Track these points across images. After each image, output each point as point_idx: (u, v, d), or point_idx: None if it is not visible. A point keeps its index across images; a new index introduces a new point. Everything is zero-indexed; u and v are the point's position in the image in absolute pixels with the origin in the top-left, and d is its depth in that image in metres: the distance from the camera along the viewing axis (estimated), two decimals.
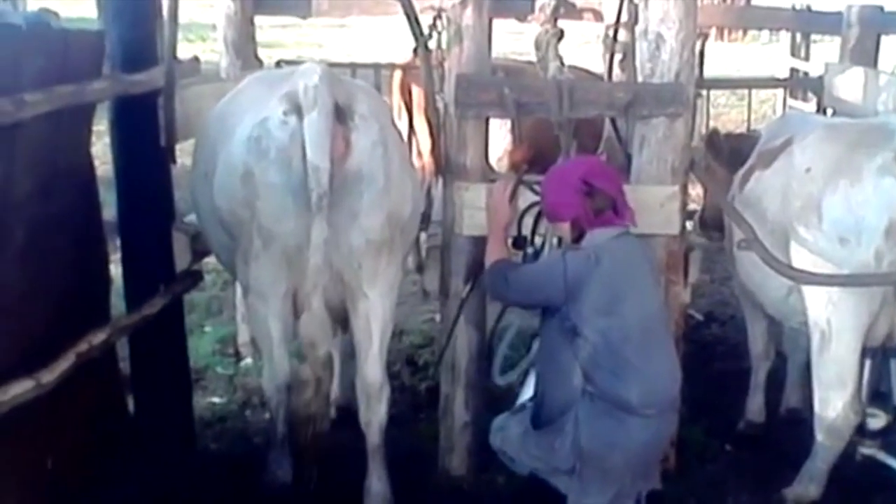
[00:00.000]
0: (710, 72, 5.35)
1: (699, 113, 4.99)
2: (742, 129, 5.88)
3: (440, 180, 4.20)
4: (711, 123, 6.82)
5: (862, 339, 3.62)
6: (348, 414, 4.06)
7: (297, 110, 3.31)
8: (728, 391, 4.84)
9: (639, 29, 3.89)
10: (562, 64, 4.50)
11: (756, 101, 10.34)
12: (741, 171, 4.19)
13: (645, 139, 3.91)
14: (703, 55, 5.37)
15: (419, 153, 5.43)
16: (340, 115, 3.35)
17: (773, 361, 4.64)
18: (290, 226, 3.37)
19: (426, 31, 3.87)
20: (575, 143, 4.27)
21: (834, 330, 3.63)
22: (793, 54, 9.08)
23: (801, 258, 3.66)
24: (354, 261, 3.48)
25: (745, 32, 20.03)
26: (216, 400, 4.94)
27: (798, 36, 8.98)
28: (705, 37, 5.41)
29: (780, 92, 7.28)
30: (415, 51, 3.94)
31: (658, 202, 3.88)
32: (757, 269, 3.87)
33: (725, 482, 4.18)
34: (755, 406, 4.61)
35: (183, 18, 4.05)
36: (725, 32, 20.47)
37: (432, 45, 3.97)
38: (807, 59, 8.92)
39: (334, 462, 3.84)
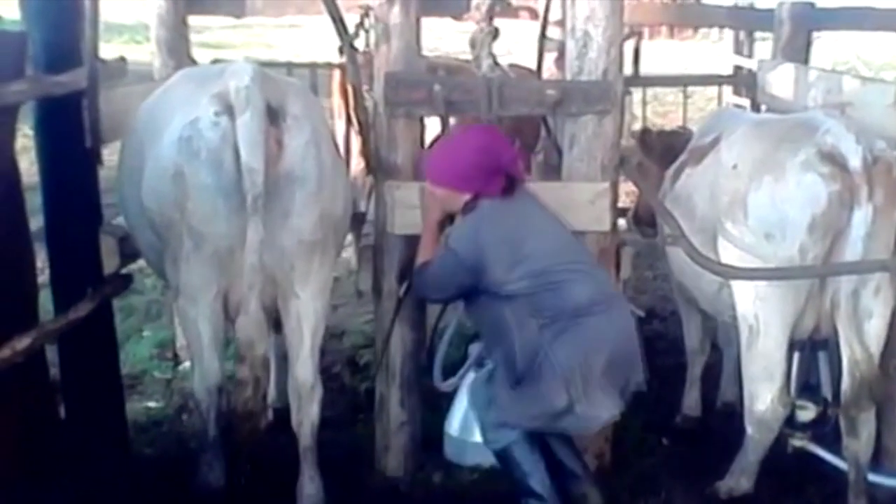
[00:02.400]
0: (660, 69, 5.40)
1: (627, 111, 5.03)
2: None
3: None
4: (660, 121, 6.89)
5: (789, 332, 3.65)
6: (284, 416, 4.03)
7: (229, 111, 3.29)
8: (666, 386, 4.84)
9: (567, 27, 3.90)
10: (495, 62, 4.49)
11: (703, 99, 10.49)
12: (672, 169, 4.22)
13: (574, 137, 3.93)
14: (637, 53, 5.43)
15: (359, 153, 5.41)
16: (273, 115, 3.34)
17: (709, 356, 4.69)
18: (222, 227, 3.36)
19: (353, 29, 3.86)
20: (518, 141, 4.31)
21: (761, 324, 3.65)
22: (737, 52, 9.17)
23: (728, 254, 3.69)
24: (286, 261, 3.47)
25: (695, 30, 20.21)
26: (152, 404, 4.89)
27: (741, 34, 9.08)
28: (639, 35, 5.46)
29: (726, 89, 7.37)
30: (340, 50, 3.93)
31: (588, 199, 3.90)
32: (688, 265, 3.88)
33: (660, 475, 4.19)
34: (691, 400, 4.65)
35: (130, 19, 4.01)
36: (676, 31, 20.70)
37: (361, 43, 3.96)
38: (750, 56, 9.01)
39: (269, 464, 3.83)
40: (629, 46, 5.48)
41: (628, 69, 5.44)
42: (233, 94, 3.26)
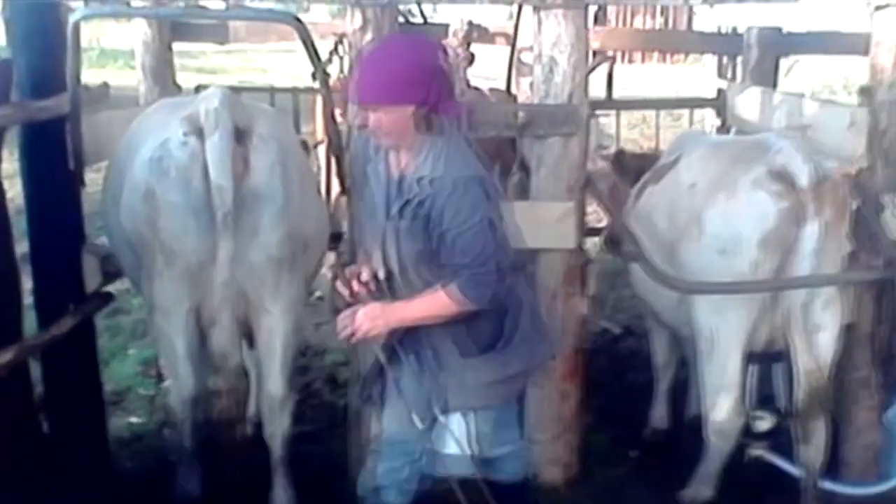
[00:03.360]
0: (651, 92, 5.54)
1: (604, 134, 5.19)
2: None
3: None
4: (649, 144, 7.01)
5: (744, 344, 3.78)
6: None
7: (198, 132, 3.45)
8: (638, 402, 4.97)
9: (534, 53, 4.06)
10: (467, 86, 4.66)
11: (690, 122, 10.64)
12: (636, 188, 4.37)
13: (541, 158, 4.07)
14: (611, 77, 5.59)
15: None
16: (240, 136, 3.49)
17: (677, 370, 4.81)
18: (192, 243, 3.49)
19: (328, 55, 4.01)
20: (498, 162, 4.44)
21: (717, 337, 3.79)
22: (720, 75, 9.35)
23: (686, 269, 3.83)
24: (256, 277, 3.60)
25: (686, 55, 20.46)
26: (134, 420, 5.01)
27: (725, 58, 9.26)
28: (612, 59, 5.62)
29: (708, 112, 7.53)
30: (313, 75, 4.08)
31: (554, 218, 4.04)
32: (649, 282, 4.03)
33: (626, 486, 4.33)
34: (659, 414, 4.77)
35: (126, 45, 4.17)
36: (668, 56, 20.94)
37: (336, 69, 4.11)
38: (734, 79, 9.18)
39: (247, 475, 3.95)
40: (603, 70, 5.67)
41: (603, 93, 5.63)
42: (202, 116, 3.42)
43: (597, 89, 4.68)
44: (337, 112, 4.08)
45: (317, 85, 5.48)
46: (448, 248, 3.04)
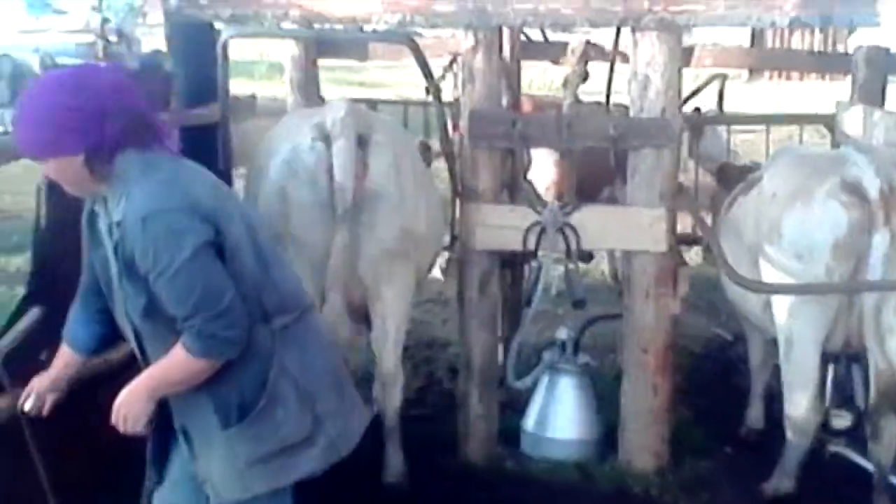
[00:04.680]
0: (764, 109, 5.73)
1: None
2: None
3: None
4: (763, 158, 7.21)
5: (820, 345, 4.02)
6: None
7: (325, 138, 3.95)
8: (739, 404, 5.19)
9: (630, 71, 4.41)
10: (577, 100, 5.04)
11: (818, 136, 10.63)
12: (729, 198, 4.64)
13: (636, 167, 4.42)
14: (721, 94, 5.87)
15: None
16: (361, 142, 3.98)
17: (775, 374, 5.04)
18: (317, 236, 3.98)
19: (442, 71, 4.48)
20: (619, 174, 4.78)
21: (796, 337, 4.05)
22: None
23: (767, 273, 4.10)
24: (371, 267, 4.07)
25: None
26: None
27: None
28: (724, 77, 5.89)
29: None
30: (426, 90, 4.56)
31: (647, 223, 4.38)
32: (738, 288, 4.31)
33: (714, 477, 4.57)
34: (754, 414, 4.99)
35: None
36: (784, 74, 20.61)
37: (449, 84, 4.58)
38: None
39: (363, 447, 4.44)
40: (715, 87, 5.95)
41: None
42: (329, 124, 3.93)
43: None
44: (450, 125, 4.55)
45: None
46: (163, 299, 2.60)
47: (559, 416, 4.75)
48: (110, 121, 2.54)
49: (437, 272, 4.83)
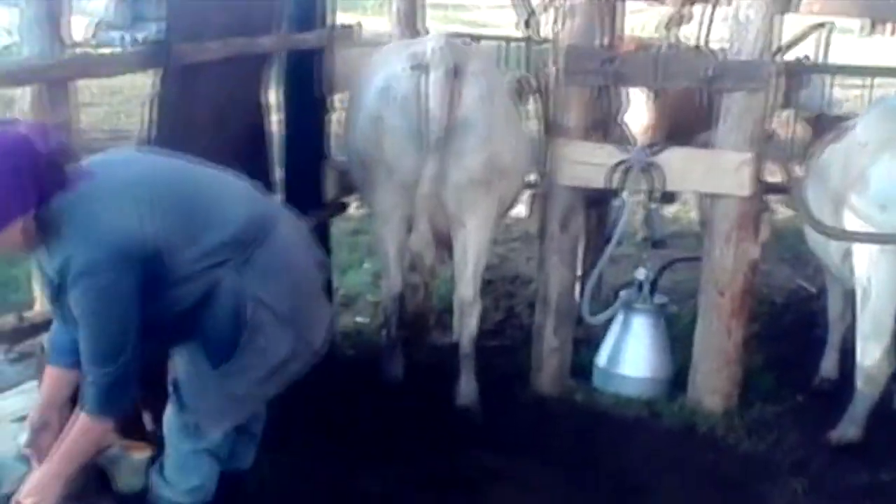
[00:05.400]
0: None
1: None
2: None
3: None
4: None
5: None
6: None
7: (422, 67, 4.07)
8: (816, 356, 5.19)
9: (731, 10, 4.41)
10: (676, 42, 5.06)
11: None
12: (821, 145, 4.63)
13: (727, 110, 4.43)
14: (827, 44, 5.80)
15: None
16: (455, 73, 4.09)
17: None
18: (408, 162, 4.14)
19: (544, 7, 4.56)
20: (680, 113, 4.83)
21: (873, 286, 4.07)
22: None
23: (850, 222, 4.12)
24: (457, 195, 4.20)
25: None
26: (360, 319, 5.79)
27: None
28: (830, 26, 5.81)
29: None
30: (525, 24, 4.65)
31: (734, 166, 4.40)
32: (821, 237, 4.33)
33: (781, 422, 4.62)
34: (830, 364, 5.02)
35: None
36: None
37: (549, 19, 4.65)
38: None
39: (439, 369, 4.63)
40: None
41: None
42: (428, 54, 4.05)
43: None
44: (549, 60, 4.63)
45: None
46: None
47: (631, 354, 4.86)
48: (26, 184, 2.57)
49: (522, 210, 4.96)
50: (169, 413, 3.06)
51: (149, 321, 2.73)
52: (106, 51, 12.95)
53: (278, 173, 4.88)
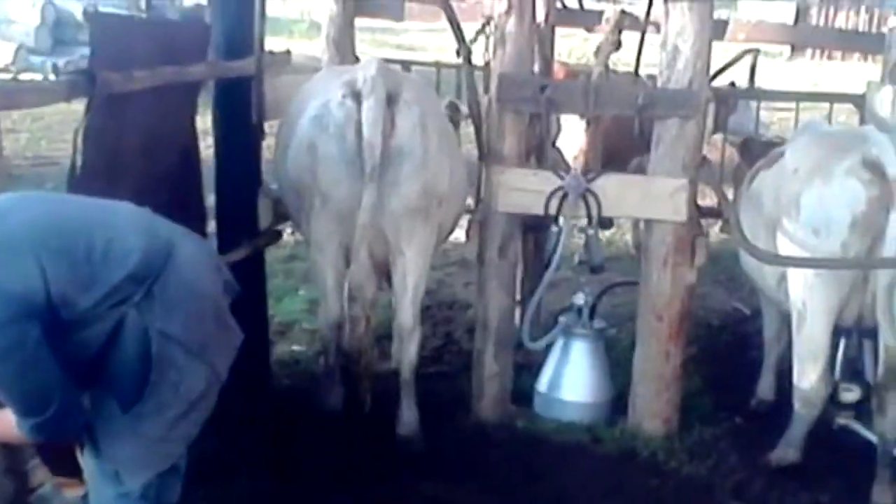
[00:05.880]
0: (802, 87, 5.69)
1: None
2: None
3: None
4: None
5: (833, 319, 4.09)
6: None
7: (355, 95, 4.04)
8: (752, 376, 5.26)
9: (660, 40, 4.46)
10: (606, 70, 5.10)
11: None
12: (751, 171, 4.69)
13: (660, 137, 4.48)
14: (753, 69, 5.90)
15: None
16: (389, 100, 4.06)
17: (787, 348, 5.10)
18: (343, 190, 4.09)
19: (475, 34, 4.56)
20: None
21: (808, 310, 4.12)
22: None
23: (784, 247, 4.17)
24: (394, 223, 4.17)
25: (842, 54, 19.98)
26: (296, 348, 5.71)
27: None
28: (756, 52, 5.91)
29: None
30: (457, 52, 4.64)
31: (669, 193, 4.44)
32: (754, 261, 4.38)
33: (721, 444, 4.65)
34: (765, 385, 5.07)
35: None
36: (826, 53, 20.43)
37: (480, 47, 4.65)
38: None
39: (379, 398, 4.57)
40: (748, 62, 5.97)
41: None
42: (360, 82, 4.02)
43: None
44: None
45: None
46: None
47: (571, 379, 4.86)
48: None
49: (460, 235, 4.94)
50: (87, 458, 2.89)
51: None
52: (28, 76, 12.82)
53: (211, 200, 4.82)
